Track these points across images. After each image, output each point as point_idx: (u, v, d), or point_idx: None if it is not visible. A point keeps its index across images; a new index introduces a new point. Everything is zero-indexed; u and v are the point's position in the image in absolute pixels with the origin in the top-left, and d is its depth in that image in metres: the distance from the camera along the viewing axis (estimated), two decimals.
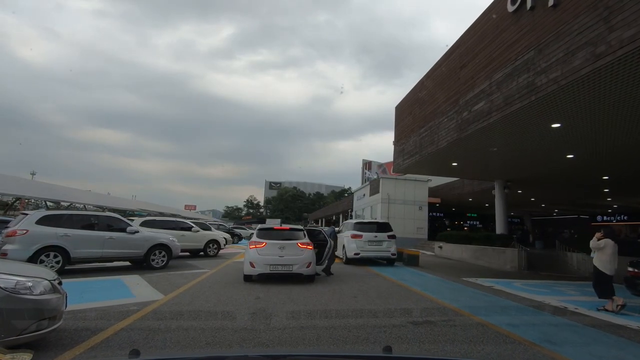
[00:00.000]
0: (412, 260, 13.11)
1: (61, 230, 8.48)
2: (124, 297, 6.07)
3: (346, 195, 71.54)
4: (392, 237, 12.85)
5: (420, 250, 17.95)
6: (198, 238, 13.96)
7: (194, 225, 14.00)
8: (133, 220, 13.06)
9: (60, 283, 3.71)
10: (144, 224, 12.54)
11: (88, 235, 8.87)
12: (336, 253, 15.18)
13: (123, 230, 9.45)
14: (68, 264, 8.58)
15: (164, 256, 10.07)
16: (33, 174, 43.77)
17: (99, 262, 9.32)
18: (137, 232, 9.67)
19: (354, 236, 12.79)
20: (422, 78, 13.67)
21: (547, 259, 14.78)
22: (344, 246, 13.25)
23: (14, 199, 18.65)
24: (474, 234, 17.60)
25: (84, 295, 6.20)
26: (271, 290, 7.07)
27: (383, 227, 12.69)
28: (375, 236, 12.41)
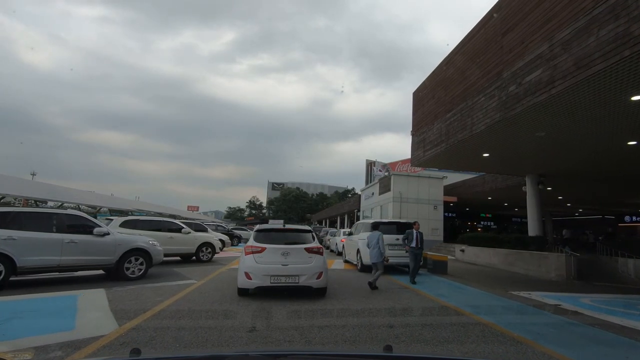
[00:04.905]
0: (439, 267, 11.13)
1: (5, 232, 6.60)
2: (56, 330, 4.17)
3: (349, 195, 69.50)
4: None
5: (438, 254, 15.93)
6: (189, 241, 12.05)
7: (184, 226, 12.08)
8: (112, 220, 11.21)
9: None
10: (124, 225, 10.69)
11: (42, 238, 6.98)
12: (348, 258, 13.46)
13: (89, 232, 7.58)
14: (13, 275, 6.70)
15: (141, 264, 8.19)
16: (33, 174, 42.26)
17: (57, 271, 7.41)
18: (107, 234, 7.79)
19: None
20: (449, 55, 11.72)
21: (593, 266, 12.77)
22: (358, 250, 11.32)
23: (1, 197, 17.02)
24: (504, 236, 15.56)
25: (5, 326, 4.33)
26: (272, 311, 5.18)
27: (406, 227, 10.67)
28: (397, 239, 10.44)
